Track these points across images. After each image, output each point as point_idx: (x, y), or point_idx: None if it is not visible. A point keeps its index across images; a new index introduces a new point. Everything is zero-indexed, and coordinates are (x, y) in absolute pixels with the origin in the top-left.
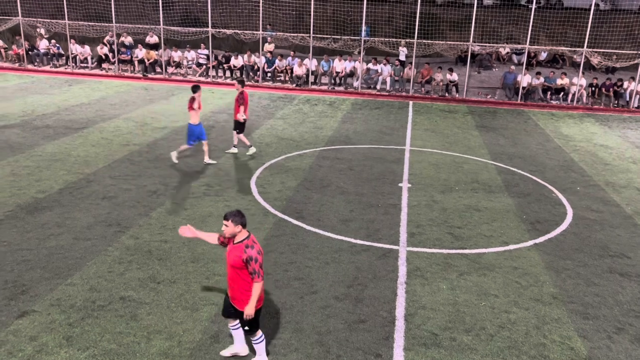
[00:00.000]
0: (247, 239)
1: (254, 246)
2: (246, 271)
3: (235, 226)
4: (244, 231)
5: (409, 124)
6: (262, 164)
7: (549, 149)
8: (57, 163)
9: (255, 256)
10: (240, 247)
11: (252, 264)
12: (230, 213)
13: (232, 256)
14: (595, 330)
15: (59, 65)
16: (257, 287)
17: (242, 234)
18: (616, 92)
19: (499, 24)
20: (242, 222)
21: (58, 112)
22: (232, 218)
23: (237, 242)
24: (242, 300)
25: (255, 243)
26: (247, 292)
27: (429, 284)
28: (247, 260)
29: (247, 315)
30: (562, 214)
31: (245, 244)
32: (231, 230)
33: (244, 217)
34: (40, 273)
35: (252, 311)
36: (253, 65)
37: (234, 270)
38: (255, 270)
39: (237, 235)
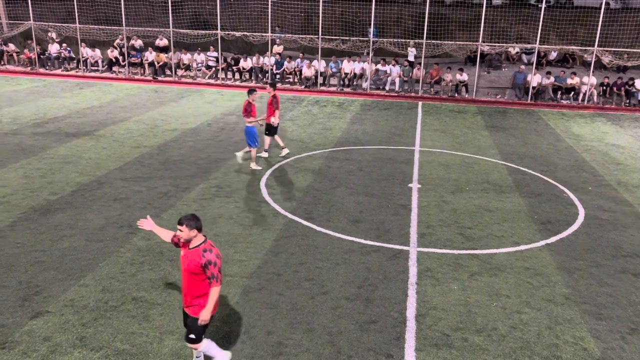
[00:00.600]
0: (204, 243)
1: (212, 250)
2: (203, 276)
3: (190, 231)
4: (200, 235)
5: (418, 125)
6: (271, 166)
7: (560, 149)
8: (69, 165)
9: (215, 260)
10: (197, 251)
11: (212, 268)
12: (184, 217)
13: (188, 261)
14: (608, 331)
15: (70, 69)
16: (216, 291)
17: (198, 238)
18: (628, 91)
19: (508, 23)
20: (197, 227)
21: (69, 115)
22: (186, 222)
23: (193, 246)
24: (197, 305)
25: (213, 247)
26: (204, 297)
27: (440, 284)
28: (205, 265)
29: (203, 320)
30: (574, 214)
31: (202, 248)
32: (186, 235)
33: (199, 221)
34: (54, 274)
35: (208, 316)
36: (262, 67)
37: (190, 276)
38: (214, 275)
39: (193, 240)
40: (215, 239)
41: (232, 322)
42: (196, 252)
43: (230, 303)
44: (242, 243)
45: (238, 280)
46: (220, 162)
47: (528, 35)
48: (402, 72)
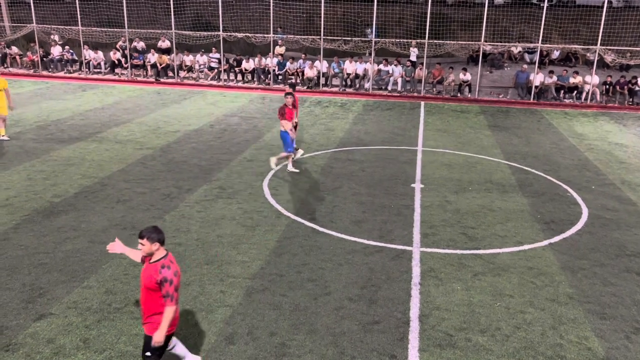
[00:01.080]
0: (164, 258)
1: (170, 266)
2: (159, 293)
3: (151, 244)
4: (162, 249)
5: (420, 125)
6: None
7: (563, 148)
8: (72, 167)
9: (171, 277)
10: (155, 267)
11: (167, 286)
12: (145, 230)
13: (146, 276)
14: (612, 331)
15: (73, 71)
16: (169, 311)
17: (160, 252)
18: (631, 89)
19: (510, 23)
20: (159, 239)
21: (72, 117)
22: (147, 235)
23: (153, 261)
24: (152, 324)
25: (172, 263)
26: (160, 316)
27: (443, 284)
28: (161, 282)
29: (156, 342)
30: (577, 214)
31: (161, 263)
32: (147, 249)
33: (162, 233)
34: (57, 276)
35: (162, 338)
36: (264, 68)
37: (147, 292)
38: (169, 294)
39: (155, 253)
40: (218, 240)
41: (235, 323)
42: (154, 267)
43: (234, 304)
44: (244, 244)
45: (241, 282)
46: (223, 164)
47: (530, 35)
48: (404, 72)
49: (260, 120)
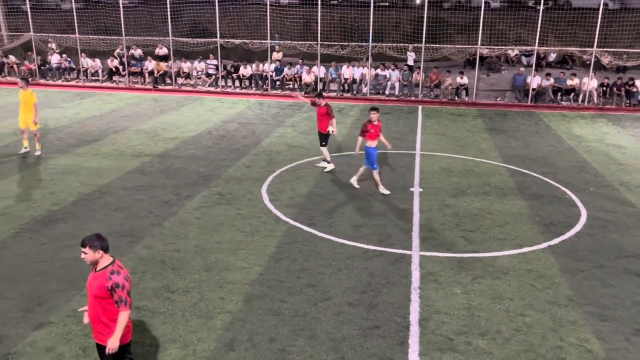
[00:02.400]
0: (112, 265)
1: (120, 272)
2: (111, 300)
3: (95, 252)
4: (107, 256)
5: (418, 129)
6: (272, 172)
7: (561, 150)
8: (70, 175)
9: (122, 282)
10: (104, 274)
11: (119, 292)
12: (87, 238)
13: (94, 285)
14: (612, 332)
15: (71, 79)
16: (124, 316)
17: (105, 259)
18: (628, 91)
19: (506, 26)
20: (102, 247)
21: (70, 125)
22: (89, 244)
23: (100, 269)
24: (106, 333)
25: (121, 268)
26: (113, 323)
27: (443, 288)
28: (112, 288)
29: (111, 348)
30: (576, 215)
31: (110, 270)
32: (92, 257)
33: (105, 240)
34: (56, 284)
35: (117, 344)
36: (262, 74)
37: (96, 300)
38: (122, 298)
39: (100, 261)
40: (217, 246)
41: (234, 329)
42: (103, 274)
43: (233, 310)
44: (244, 250)
45: (240, 288)
46: (222, 170)
47: (527, 38)
48: (401, 77)
49: (259, 126)
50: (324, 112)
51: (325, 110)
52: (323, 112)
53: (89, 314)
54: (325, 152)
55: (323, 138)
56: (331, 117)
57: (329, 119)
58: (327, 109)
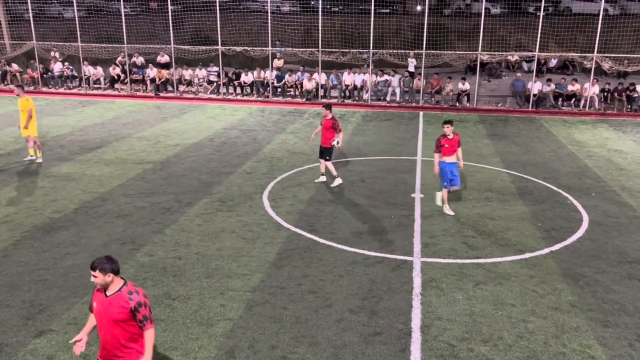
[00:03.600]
0: (126, 286)
1: (137, 290)
2: (132, 322)
3: (105, 275)
4: (118, 279)
5: (419, 135)
6: (273, 178)
7: (562, 156)
8: (72, 183)
9: (144, 300)
10: (120, 297)
11: (142, 310)
12: (98, 261)
13: (112, 310)
14: (616, 338)
15: (73, 87)
16: (151, 334)
17: (116, 282)
18: (629, 96)
19: (507, 32)
20: (113, 270)
21: (72, 132)
22: (99, 267)
23: (112, 293)
24: (126, 355)
25: (136, 287)
26: (137, 342)
27: (445, 294)
28: (135, 308)
29: None
30: (578, 221)
31: (126, 291)
32: (101, 281)
33: (115, 262)
34: (57, 292)
35: None
36: (263, 81)
37: (116, 325)
38: (146, 317)
39: (110, 285)
40: (219, 253)
41: (236, 336)
42: (119, 297)
43: (234, 317)
44: (245, 257)
45: (241, 295)
46: (223, 177)
47: (527, 43)
48: (402, 83)
49: (260, 133)
50: (330, 125)
51: (331, 123)
52: (329, 126)
53: (103, 341)
54: (322, 166)
55: (327, 152)
56: (337, 132)
57: (334, 133)
58: (332, 122)
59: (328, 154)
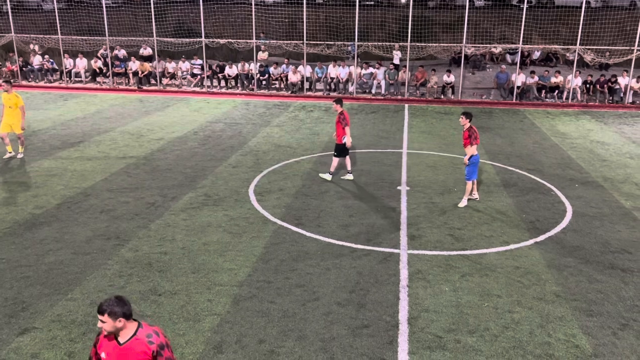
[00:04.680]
0: (141, 328)
1: (156, 332)
2: None
3: (115, 321)
4: (131, 322)
5: (405, 127)
6: (259, 172)
7: (546, 147)
8: (53, 178)
9: (165, 341)
10: (138, 342)
11: (166, 352)
12: (106, 304)
13: (127, 358)
14: (599, 327)
15: (54, 80)
16: None
17: (130, 327)
18: (610, 88)
19: (491, 24)
20: (124, 313)
21: (54, 127)
22: (109, 310)
23: (126, 339)
24: None
25: (152, 326)
26: None
27: (431, 286)
28: (158, 352)
29: None
30: (562, 212)
31: (144, 334)
32: (111, 327)
33: (127, 304)
34: (40, 289)
35: None
36: (248, 73)
37: None
38: (170, 359)
39: (123, 331)
40: (205, 248)
41: (223, 331)
42: (137, 343)
43: (221, 312)
44: (231, 251)
45: (228, 289)
46: (208, 171)
47: (511, 36)
48: (387, 75)
49: (245, 126)
50: (337, 120)
51: (338, 118)
52: (336, 121)
53: None
54: (334, 164)
55: (335, 148)
56: (343, 126)
57: (341, 128)
58: (338, 117)
59: (336, 149)
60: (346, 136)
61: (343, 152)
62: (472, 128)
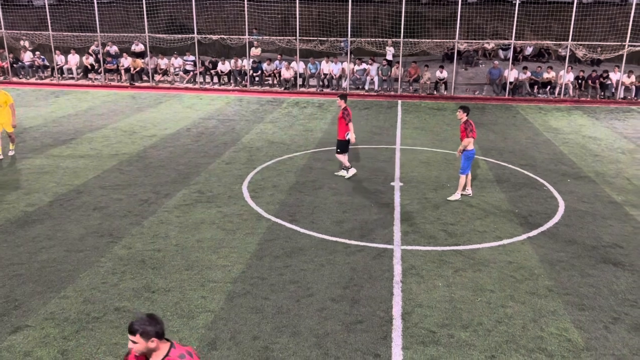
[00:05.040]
0: (174, 348)
1: (190, 352)
2: None
3: (148, 341)
4: (164, 342)
5: (398, 123)
6: (253, 169)
7: (539, 143)
8: (46, 175)
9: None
10: None
11: None
12: (138, 323)
13: None
14: (591, 321)
15: (45, 77)
16: None
17: (163, 347)
18: (602, 83)
19: (484, 20)
20: (157, 333)
21: (45, 124)
22: (141, 330)
23: None
24: None
25: (185, 346)
26: None
27: (425, 281)
28: None
29: None
30: (554, 207)
31: (177, 355)
32: (142, 348)
33: (159, 322)
34: (33, 287)
35: None
36: (240, 69)
37: None
38: None
39: (155, 353)
40: (198, 245)
41: (217, 328)
42: None
43: (215, 309)
44: (225, 248)
45: (222, 286)
46: (201, 167)
47: (504, 31)
48: (380, 71)
49: (238, 123)
50: (340, 116)
51: (341, 114)
52: (339, 117)
53: None
54: (343, 159)
55: (338, 145)
56: (347, 122)
57: (344, 124)
58: (342, 113)
59: (339, 146)
60: (350, 132)
61: (346, 148)
62: (469, 121)
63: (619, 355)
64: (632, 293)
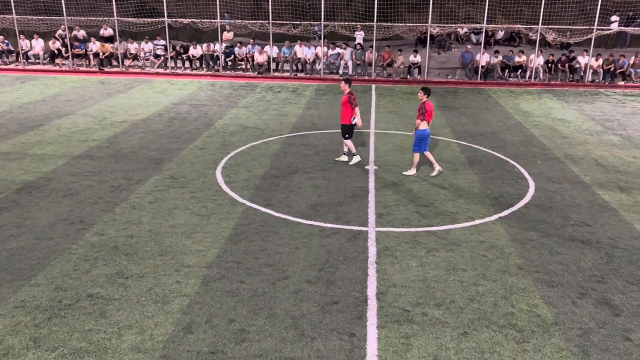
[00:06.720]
0: None
1: None
2: None
3: None
4: None
5: (372, 107)
6: (227, 154)
7: (510, 125)
8: (13, 163)
9: None
10: None
11: None
12: None
13: None
14: (560, 297)
15: (9, 62)
16: None
17: None
18: (571, 67)
19: (456, 4)
20: None
21: (11, 110)
22: None
23: None
24: None
25: None
26: None
27: (399, 262)
28: None
29: None
30: (525, 187)
31: None
32: None
33: None
34: (2, 275)
35: None
36: (213, 54)
37: None
38: None
39: None
40: (172, 230)
41: (192, 312)
42: None
43: (190, 294)
44: (199, 233)
45: (197, 271)
46: (174, 153)
47: (476, 16)
48: (354, 56)
49: (211, 108)
50: (345, 100)
51: (347, 98)
52: (344, 101)
53: None
54: (350, 144)
55: (344, 130)
56: (353, 107)
57: (350, 108)
58: (348, 97)
59: (345, 131)
60: (356, 116)
61: (351, 132)
62: (425, 103)
63: (586, 329)
64: (598, 269)
